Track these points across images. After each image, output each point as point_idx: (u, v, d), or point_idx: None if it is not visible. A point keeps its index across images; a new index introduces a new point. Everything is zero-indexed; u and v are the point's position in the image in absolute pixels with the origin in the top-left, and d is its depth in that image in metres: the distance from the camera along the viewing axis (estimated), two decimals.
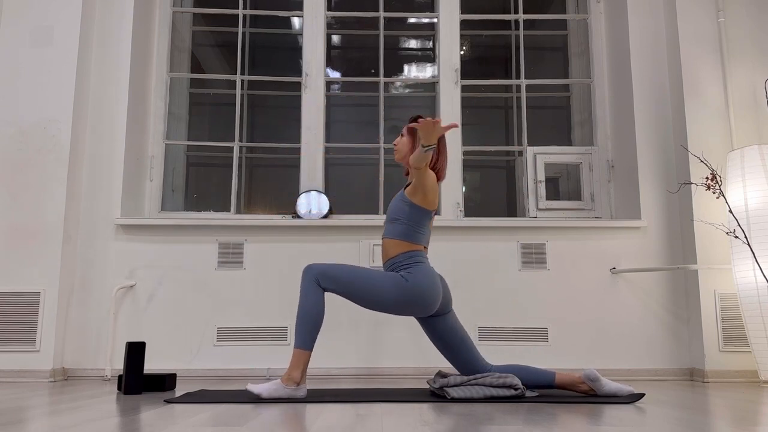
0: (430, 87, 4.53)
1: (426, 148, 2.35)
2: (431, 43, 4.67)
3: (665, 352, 3.65)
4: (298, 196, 3.90)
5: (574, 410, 2.13)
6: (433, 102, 4.41)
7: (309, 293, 2.47)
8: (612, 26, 4.19)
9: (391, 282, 2.48)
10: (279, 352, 3.60)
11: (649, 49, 3.94)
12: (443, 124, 2.31)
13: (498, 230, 3.77)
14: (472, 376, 2.51)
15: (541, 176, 4.09)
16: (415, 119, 2.69)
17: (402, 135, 2.71)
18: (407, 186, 2.63)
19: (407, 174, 2.74)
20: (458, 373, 2.64)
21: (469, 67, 4.52)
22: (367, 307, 2.52)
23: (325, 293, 2.52)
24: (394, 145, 2.72)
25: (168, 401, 2.36)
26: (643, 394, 2.47)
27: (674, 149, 3.83)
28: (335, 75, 4.60)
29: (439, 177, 2.64)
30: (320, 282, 2.48)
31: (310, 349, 2.46)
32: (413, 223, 2.56)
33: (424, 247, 2.61)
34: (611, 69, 4.18)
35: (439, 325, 2.60)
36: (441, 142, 2.65)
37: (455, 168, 4.08)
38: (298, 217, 3.83)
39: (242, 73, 4.27)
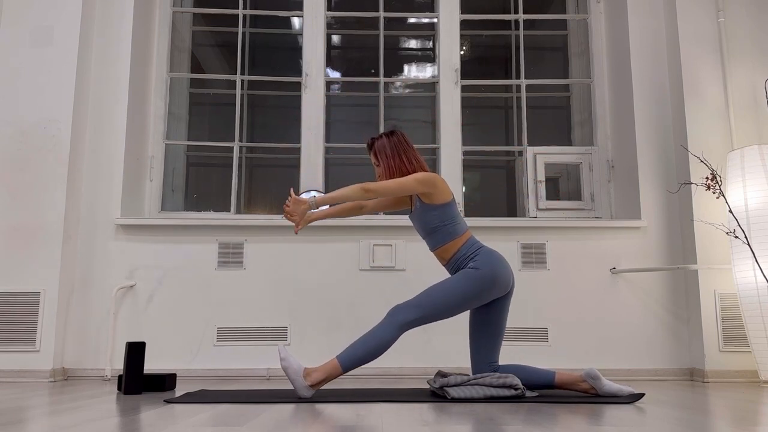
0: (430, 87, 4.53)
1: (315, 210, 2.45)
2: (431, 43, 4.67)
3: (665, 352, 3.65)
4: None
5: (574, 410, 2.12)
6: (433, 102, 4.41)
7: (387, 330, 2.45)
8: (612, 26, 4.19)
9: (464, 280, 2.51)
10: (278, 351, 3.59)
11: (649, 49, 3.94)
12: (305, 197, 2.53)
13: (498, 230, 3.77)
14: (472, 376, 2.51)
15: (541, 176, 4.09)
16: (369, 144, 2.68)
17: (377, 165, 2.68)
18: (418, 199, 2.63)
19: None
20: (469, 364, 2.65)
21: (469, 67, 4.52)
22: (455, 314, 2.53)
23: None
24: (378, 177, 2.70)
25: (168, 401, 2.36)
26: (643, 394, 2.47)
27: (674, 149, 3.83)
28: (335, 75, 4.60)
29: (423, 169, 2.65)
30: (406, 322, 2.46)
31: (345, 371, 2.44)
32: (449, 220, 2.59)
33: (470, 232, 2.65)
34: (611, 69, 4.18)
35: (498, 305, 2.60)
36: (402, 146, 2.65)
37: (455, 168, 4.08)
38: None
39: (242, 73, 4.27)
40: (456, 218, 2.61)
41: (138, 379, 2.70)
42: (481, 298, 2.53)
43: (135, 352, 2.73)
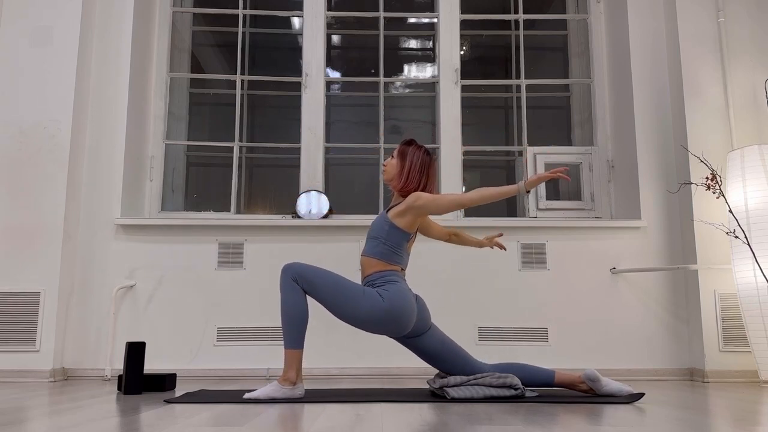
0: (430, 87, 4.53)
1: (528, 192, 2.46)
2: (431, 43, 4.67)
3: (665, 352, 3.65)
4: (298, 196, 3.90)
5: (574, 410, 2.13)
6: (433, 102, 4.41)
7: (289, 293, 2.46)
8: (612, 26, 4.19)
9: (368, 297, 2.45)
10: (279, 352, 3.60)
11: (649, 49, 3.94)
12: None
13: (498, 230, 3.77)
14: (472, 376, 2.51)
15: None
16: (407, 143, 2.65)
17: (392, 157, 2.66)
18: (391, 207, 2.59)
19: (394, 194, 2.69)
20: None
21: (469, 67, 4.52)
22: (338, 317, 2.49)
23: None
24: (384, 165, 2.68)
25: (168, 401, 2.36)
26: (643, 394, 2.47)
27: (674, 149, 3.83)
28: (335, 75, 4.60)
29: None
30: (298, 282, 2.47)
31: (301, 348, 2.45)
32: (391, 244, 2.54)
33: (402, 269, 2.59)
34: (611, 69, 4.18)
35: (423, 344, 2.58)
36: (432, 170, 2.64)
37: (455, 168, 4.08)
38: (298, 217, 3.83)
39: (242, 73, 4.27)
40: (398, 249, 2.55)
41: (138, 379, 2.70)
42: (371, 326, 2.47)
43: (135, 352, 2.73)
